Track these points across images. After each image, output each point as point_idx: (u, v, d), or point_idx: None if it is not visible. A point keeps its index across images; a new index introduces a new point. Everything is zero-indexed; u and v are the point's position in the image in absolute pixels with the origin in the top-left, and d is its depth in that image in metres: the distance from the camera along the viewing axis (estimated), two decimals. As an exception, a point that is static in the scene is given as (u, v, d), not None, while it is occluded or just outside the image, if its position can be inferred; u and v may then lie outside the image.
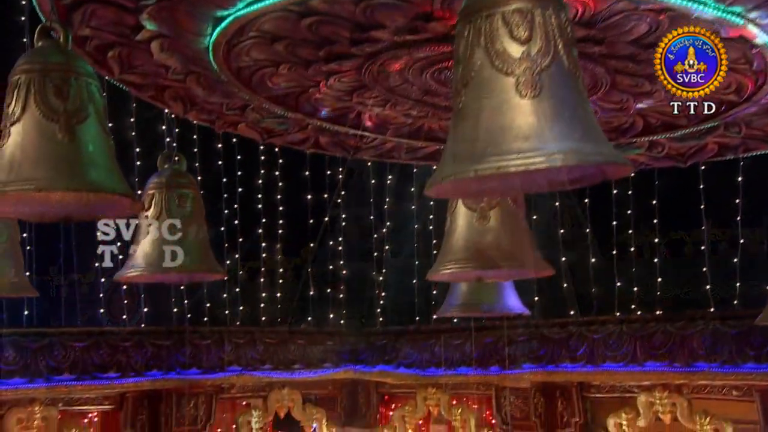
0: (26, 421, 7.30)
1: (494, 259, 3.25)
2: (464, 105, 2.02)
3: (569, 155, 1.92)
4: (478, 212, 3.31)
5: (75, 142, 2.63)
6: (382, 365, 9.80)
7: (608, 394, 8.18)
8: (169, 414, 8.23)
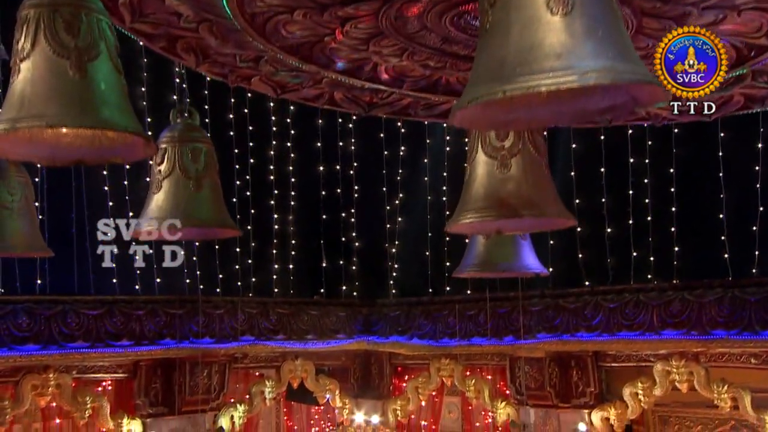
0: (41, 388, 7.30)
1: (515, 207, 3.16)
2: (492, 24, 1.93)
3: (603, 73, 1.83)
4: (498, 160, 3.22)
5: (86, 80, 2.56)
6: (395, 336, 9.75)
7: (624, 364, 8.11)
8: (182, 383, 8.22)
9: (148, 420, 8.14)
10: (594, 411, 8.25)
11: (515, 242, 4.60)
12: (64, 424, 7.89)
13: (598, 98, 2.05)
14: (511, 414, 8.90)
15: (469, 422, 9.78)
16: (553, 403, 8.46)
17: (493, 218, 3.22)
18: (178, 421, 8.21)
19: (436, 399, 9.99)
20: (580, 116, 2.10)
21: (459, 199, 3.67)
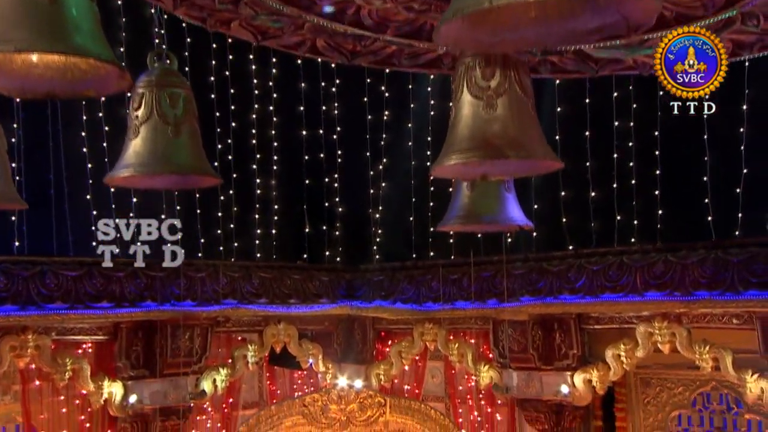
0: (19, 349, 7.21)
1: (501, 148, 3.09)
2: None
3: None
4: (484, 100, 3.14)
5: (57, 5, 2.45)
6: (378, 301, 9.72)
7: (607, 326, 8.13)
8: (164, 345, 8.15)
9: (129, 382, 8.07)
10: (576, 373, 8.28)
11: (500, 194, 4.56)
12: (44, 386, 7.81)
13: (588, 18, 1.96)
14: (494, 377, 8.91)
15: (453, 386, 9.80)
16: (535, 366, 8.48)
17: (479, 159, 3.16)
18: (159, 384, 8.16)
19: (419, 363, 9.98)
20: (569, 37, 2.00)
21: (446, 139, 3.59)
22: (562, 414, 8.51)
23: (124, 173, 3.81)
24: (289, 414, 7.83)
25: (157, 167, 3.78)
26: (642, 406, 8.42)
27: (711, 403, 7.92)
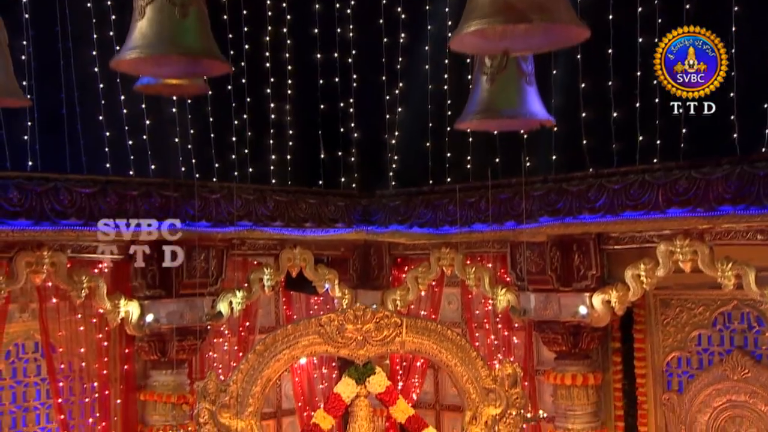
0: (35, 265, 7.20)
1: (524, 11, 2.92)
2: None
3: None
4: (506, -39, 2.95)
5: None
6: (394, 225, 9.63)
7: (627, 246, 7.99)
8: (179, 266, 8.11)
9: (145, 302, 8.09)
10: (595, 294, 8.19)
11: (520, 87, 4.39)
12: (62, 305, 7.83)
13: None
14: (511, 300, 8.85)
15: (469, 311, 9.77)
16: (553, 288, 8.38)
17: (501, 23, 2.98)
18: (176, 304, 8.16)
19: (435, 289, 9.94)
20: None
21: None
22: (579, 335, 8.45)
23: (130, 55, 3.67)
24: (306, 333, 7.80)
25: (163, 48, 3.64)
26: (661, 327, 8.33)
27: (732, 322, 7.81)
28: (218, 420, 7.50)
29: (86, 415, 7.98)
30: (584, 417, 8.49)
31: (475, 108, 4.42)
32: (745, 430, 7.64)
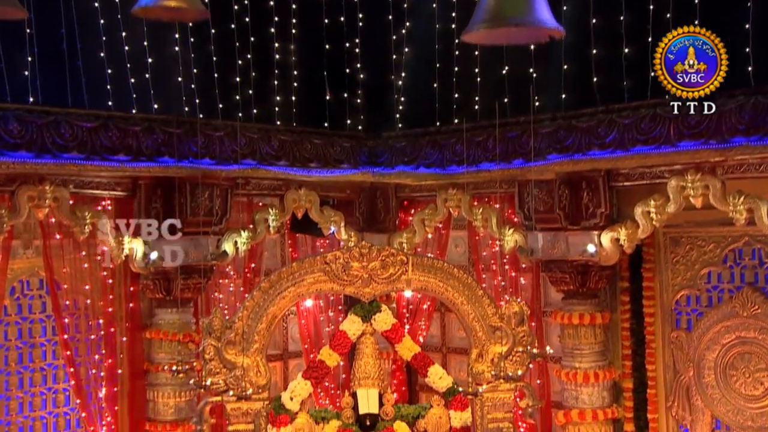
0: (37, 200, 7.13)
1: None
2: None
3: None
4: None
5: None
6: (401, 166, 9.51)
7: (637, 182, 7.85)
8: (183, 203, 8.05)
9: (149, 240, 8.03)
10: (604, 232, 8.08)
11: (529, -5, 4.22)
12: (66, 242, 7.79)
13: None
14: (518, 240, 8.76)
15: (476, 253, 9.69)
16: (562, 226, 8.28)
17: None
18: (180, 242, 8.10)
19: (442, 231, 9.85)
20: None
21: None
22: (587, 275, 8.37)
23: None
24: (311, 271, 7.73)
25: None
26: (671, 265, 8.24)
27: (743, 258, 7.71)
28: (224, 356, 7.50)
29: (92, 352, 7.99)
30: (591, 356, 8.44)
31: (482, 17, 4.28)
32: (754, 366, 7.57)
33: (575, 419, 8.38)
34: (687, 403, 8.01)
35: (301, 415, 7.72)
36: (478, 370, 7.73)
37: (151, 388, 8.28)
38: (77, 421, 8.11)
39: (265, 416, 7.52)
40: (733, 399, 7.67)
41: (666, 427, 8.23)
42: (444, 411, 7.86)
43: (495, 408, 7.69)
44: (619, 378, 8.50)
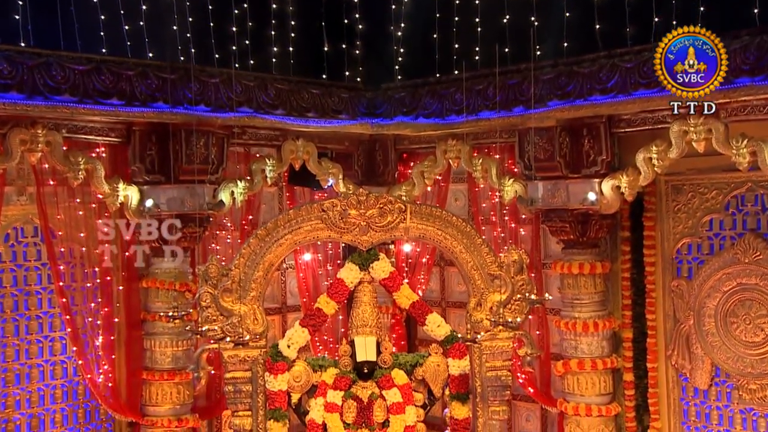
0: (30, 143, 7.03)
1: None
2: None
3: None
4: None
5: None
6: (400, 117, 9.40)
7: (639, 128, 7.72)
8: (178, 151, 7.93)
9: (144, 187, 7.94)
10: (605, 180, 7.97)
11: None
12: (60, 190, 7.70)
13: None
14: (518, 190, 8.66)
15: (476, 205, 9.60)
16: (562, 174, 8.16)
17: None
18: (176, 191, 8.01)
19: (442, 184, 9.75)
20: None
21: None
22: (588, 224, 8.27)
23: None
24: (308, 219, 7.65)
25: None
26: (672, 213, 8.14)
27: (745, 204, 7.60)
28: (220, 304, 7.46)
29: (88, 300, 7.94)
30: (591, 306, 8.38)
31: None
32: (755, 312, 7.50)
33: (574, 369, 8.34)
34: (687, 352, 7.96)
35: (298, 363, 7.69)
36: (477, 319, 7.68)
37: (148, 337, 8.25)
38: (74, 369, 8.08)
39: (262, 364, 7.49)
40: (733, 346, 7.61)
41: (665, 376, 8.19)
42: (442, 359, 7.83)
43: (493, 356, 7.66)
44: (618, 328, 8.45)
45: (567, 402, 8.43)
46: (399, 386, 7.71)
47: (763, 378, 7.42)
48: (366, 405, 7.71)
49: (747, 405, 7.61)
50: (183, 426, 8.23)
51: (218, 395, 8.62)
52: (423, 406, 7.87)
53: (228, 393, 7.51)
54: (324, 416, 7.62)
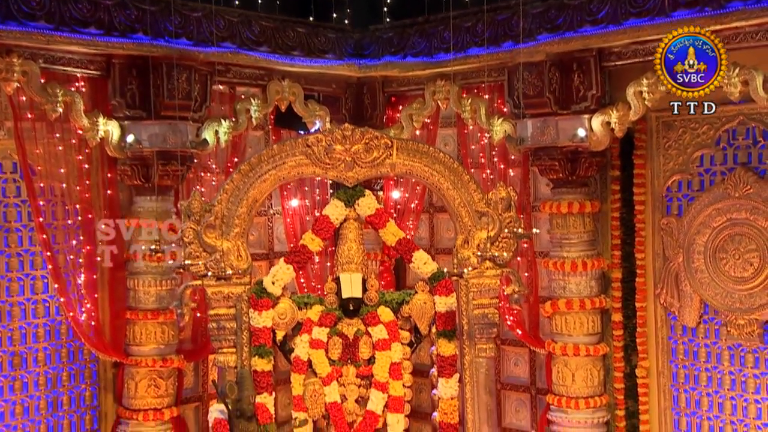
0: (5, 72, 6.81)
1: None
2: None
3: None
4: None
5: None
6: (387, 57, 9.23)
7: (629, 60, 7.58)
8: (160, 86, 7.75)
9: (125, 122, 7.79)
10: (594, 115, 7.84)
11: None
12: (38, 126, 7.54)
13: None
14: (507, 130, 8.52)
15: (465, 147, 9.45)
16: (552, 111, 8.02)
17: None
18: (158, 127, 7.85)
19: (430, 127, 9.60)
20: None
21: None
22: (577, 162, 8.16)
23: None
24: (292, 154, 7.52)
25: None
26: (662, 150, 8.02)
27: (736, 138, 7.48)
28: (203, 240, 7.36)
29: (70, 238, 7.81)
30: (580, 245, 8.29)
31: None
32: (744, 247, 7.42)
33: (562, 309, 8.27)
34: (675, 290, 7.88)
35: (283, 301, 7.61)
36: (464, 256, 7.59)
37: (132, 276, 8.14)
38: (56, 309, 7.98)
39: (246, 301, 7.41)
40: (722, 282, 7.54)
41: (654, 314, 8.12)
42: (429, 296, 7.75)
43: (480, 294, 7.57)
44: (607, 268, 8.36)
45: (555, 342, 8.37)
46: (385, 323, 7.64)
47: (751, 313, 7.36)
48: (351, 342, 7.65)
49: (735, 341, 7.56)
50: (168, 366, 8.15)
51: (204, 339, 8.54)
52: (409, 344, 7.81)
53: (212, 330, 7.43)
54: (309, 353, 7.56)
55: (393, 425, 7.60)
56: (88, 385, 8.20)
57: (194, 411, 8.93)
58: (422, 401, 9.49)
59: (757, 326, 7.34)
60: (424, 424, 9.56)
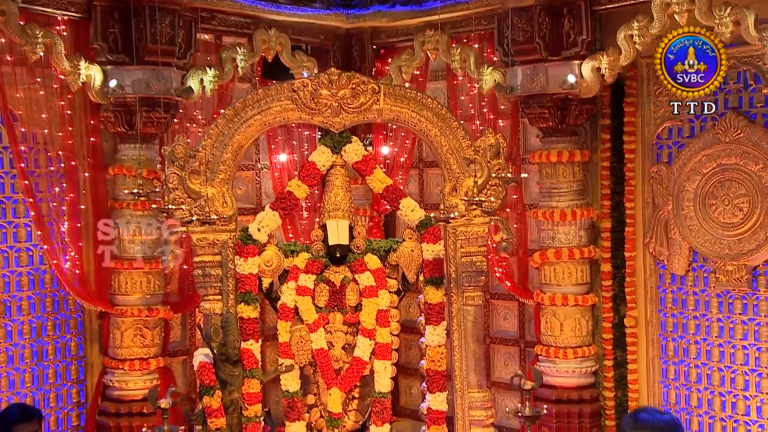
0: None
1: None
2: None
3: None
4: None
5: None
6: (376, 6, 9.11)
7: (620, 3, 7.47)
8: (143, 30, 7.61)
9: (108, 67, 7.66)
10: (585, 61, 7.74)
11: None
12: (18, 71, 7.40)
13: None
14: (497, 78, 8.41)
15: (454, 98, 9.35)
16: (541, 57, 7.91)
17: None
18: (141, 72, 7.72)
19: (420, 80, 9.48)
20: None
21: None
22: (567, 110, 8.06)
23: None
24: (278, 99, 7.40)
25: None
26: (653, 97, 7.92)
27: (728, 83, 7.37)
28: (188, 186, 7.26)
29: (53, 185, 7.71)
30: (569, 195, 8.22)
31: None
32: (734, 192, 7.35)
33: (551, 259, 8.22)
34: (665, 238, 7.83)
35: (269, 248, 7.54)
36: (452, 203, 7.51)
37: (117, 226, 8.04)
38: (41, 258, 7.89)
39: (231, 248, 7.33)
40: (711, 228, 7.48)
41: (643, 263, 8.07)
42: (416, 244, 7.69)
43: (468, 242, 7.51)
44: (597, 218, 8.30)
45: (543, 293, 8.33)
46: (372, 270, 7.58)
47: (739, 258, 7.31)
48: (338, 289, 7.60)
49: (723, 288, 7.51)
50: (154, 316, 8.09)
51: (191, 292, 8.47)
52: (397, 292, 7.76)
53: (197, 277, 7.36)
54: (296, 300, 7.50)
55: (380, 372, 7.57)
56: (73, 335, 8.13)
57: (182, 364, 8.88)
58: (412, 357, 9.47)
59: (746, 272, 7.29)
60: (413, 380, 9.55)
